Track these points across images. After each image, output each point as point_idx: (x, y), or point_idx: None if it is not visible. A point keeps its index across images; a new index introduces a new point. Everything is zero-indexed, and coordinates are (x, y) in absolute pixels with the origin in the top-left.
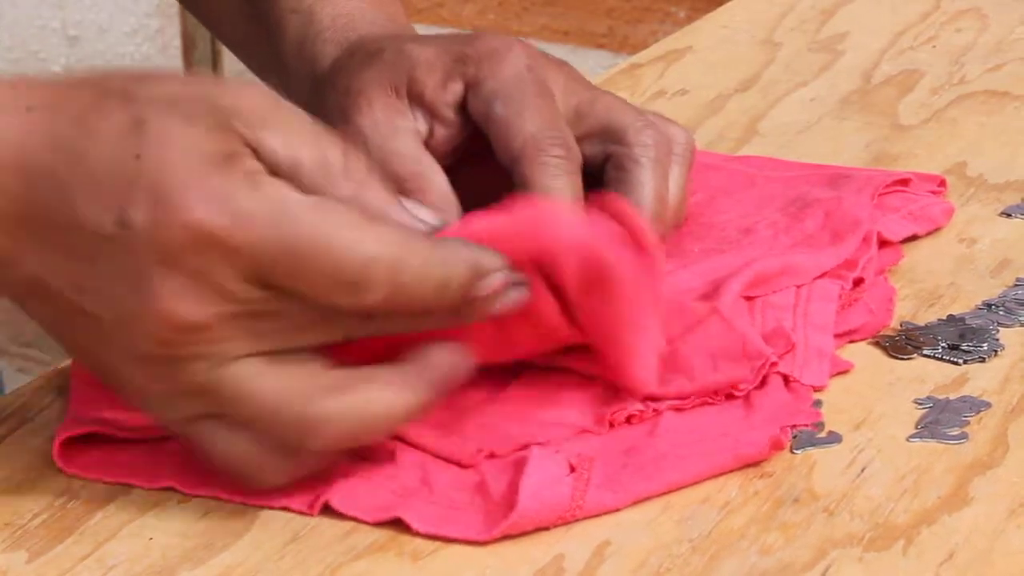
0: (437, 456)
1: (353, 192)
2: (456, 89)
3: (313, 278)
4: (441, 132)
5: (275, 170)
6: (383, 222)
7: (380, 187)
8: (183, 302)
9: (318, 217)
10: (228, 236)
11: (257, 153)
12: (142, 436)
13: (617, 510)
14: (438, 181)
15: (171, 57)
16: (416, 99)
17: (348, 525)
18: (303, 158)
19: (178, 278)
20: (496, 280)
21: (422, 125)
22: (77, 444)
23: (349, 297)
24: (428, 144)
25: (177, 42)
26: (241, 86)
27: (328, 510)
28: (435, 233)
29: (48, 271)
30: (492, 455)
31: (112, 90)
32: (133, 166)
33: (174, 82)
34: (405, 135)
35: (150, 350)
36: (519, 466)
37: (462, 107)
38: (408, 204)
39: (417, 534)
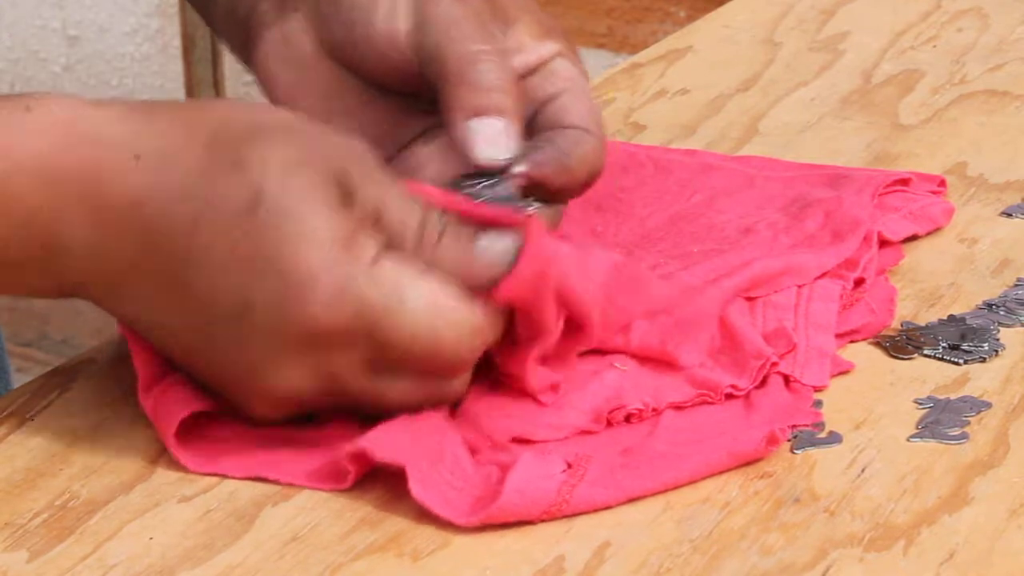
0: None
1: (428, 258)
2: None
3: (422, 368)
4: None
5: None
6: (476, 307)
7: (454, 240)
8: (299, 386)
9: (429, 312)
10: (347, 329)
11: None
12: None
13: (608, 507)
14: None
15: (171, 57)
16: None
17: (348, 525)
18: (388, 219)
19: (297, 361)
20: None
21: None
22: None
23: (446, 374)
24: None
25: (177, 42)
26: (338, 137)
27: (331, 502)
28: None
29: (156, 317)
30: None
31: (221, 150)
32: (254, 249)
33: (278, 135)
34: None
35: (263, 395)
36: (515, 461)
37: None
38: (486, 242)
39: (412, 522)
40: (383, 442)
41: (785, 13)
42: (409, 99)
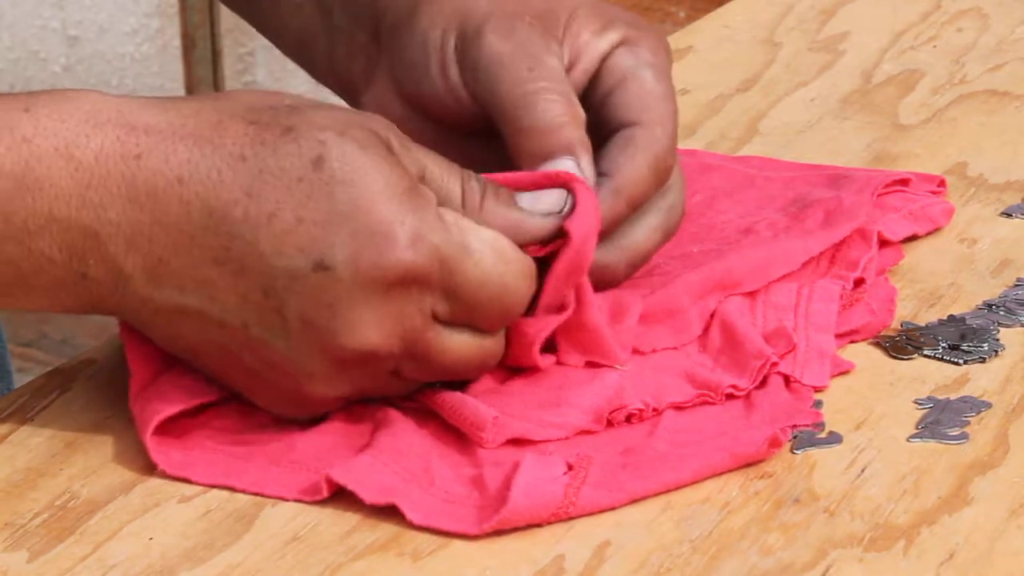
0: (454, 419)
1: (474, 219)
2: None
3: (484, 315)
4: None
5: None
6: (527, 255)
7: (495, 199)
8: (379, 333)
9: (495, 257)
10: (426, 274)
11: None
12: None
13: (612, 509)
14: None
15: (171, 57)
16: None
17: (348, 525)
18: (431, 179)
19: (377, 312)
20: None
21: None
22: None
23: (496, 325)
24: None
25: (177, 42)
26: (360, 111)
27: (331, 502)
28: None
29: (204, 302)
30: (501, 425)
31: (267, 123)
32: (325, 206)
33: (315, 106)
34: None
35: (331, 367)
36: (516, 464)
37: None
38: (526, 203)
39: (411, 525)
40: (370, 483)
41: (785, 13)
42: (495, 140)
